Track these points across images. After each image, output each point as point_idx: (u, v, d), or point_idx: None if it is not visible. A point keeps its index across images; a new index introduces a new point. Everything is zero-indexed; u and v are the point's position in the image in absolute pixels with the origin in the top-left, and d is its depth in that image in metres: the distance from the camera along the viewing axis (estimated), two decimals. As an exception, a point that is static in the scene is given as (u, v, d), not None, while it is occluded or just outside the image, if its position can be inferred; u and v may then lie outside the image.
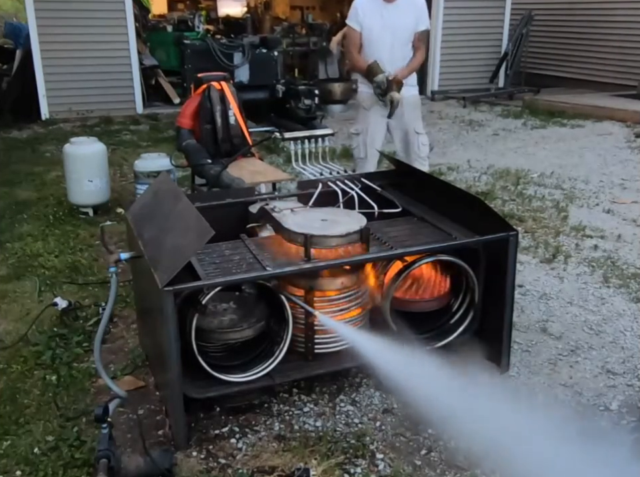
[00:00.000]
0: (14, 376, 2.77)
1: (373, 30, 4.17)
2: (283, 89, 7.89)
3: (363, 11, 4.18)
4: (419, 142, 4.38)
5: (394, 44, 4.17)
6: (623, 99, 9.01)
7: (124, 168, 6.15)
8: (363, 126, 4.39)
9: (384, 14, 4.14)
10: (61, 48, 8.54)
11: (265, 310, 2.51)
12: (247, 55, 8.78)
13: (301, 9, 13.98)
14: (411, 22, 4.18)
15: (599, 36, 10.24)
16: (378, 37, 4.17)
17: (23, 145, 7.29)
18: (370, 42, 4.21)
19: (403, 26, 4.16)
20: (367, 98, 4.33)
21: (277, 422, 2.45)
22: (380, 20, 4.15)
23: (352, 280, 2.56)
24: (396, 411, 2.52)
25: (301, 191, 3.16)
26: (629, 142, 7.13)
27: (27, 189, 5.54)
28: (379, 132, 4.37)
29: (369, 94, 4.30)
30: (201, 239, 2.19)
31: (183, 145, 4.16)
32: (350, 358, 2.51)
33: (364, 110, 4.38)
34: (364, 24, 4.18)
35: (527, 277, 3.69)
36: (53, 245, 4.21)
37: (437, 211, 2.91)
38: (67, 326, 3.17)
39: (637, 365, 2.84)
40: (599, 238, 4.30)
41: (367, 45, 4.23)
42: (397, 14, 4.14)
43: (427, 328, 2.77)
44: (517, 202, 5.06)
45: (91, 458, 2.17)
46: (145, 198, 2.92)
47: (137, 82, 9.09)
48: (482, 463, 2.16)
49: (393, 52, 4.19)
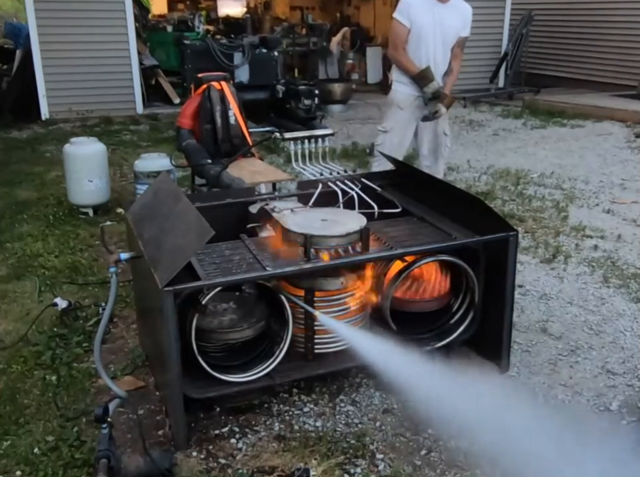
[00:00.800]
0: (14, 376, 2.77)
1: (423, 27, 4.11)
2: (283, 89, 7.90)
3: (415, 7, 4.11)
4: (445, 144, 4.42)
5: (441, 43, 4.16)
6: (623, 99, 9.01)
7: (124, 168, 6.15)
8: (393, 125, 4.35)
9: (435, 12, 4.10)
10: (61, 48, 8.54)
11: (265, 310, 2.51)
12: (247, 55, 8.78)
13: (301, 9, 14.00)
14: (459, 25, 4.18)
15: (599, 36, 10.24)
16: (427, 34, 4.13)
17: (22, 145, 7.29)
18: (418, 39, 4.14)
19: (452, 27, 4.16)
20: (405, 98, 4.28)
21: (276, 422, 2.45)
22: (432, 18, 4.10)
23: (352, 280, 2.56)
24: (396, 411, 2.52)
25: (301, 191, 3.16)
26: (629, 142, 7.13)
27: (26, 189, 5.54)
28: (408, 133, 4.35)
29: (407, 95, 4.25)
30: (201, 239, 2.19)
31: (183, 145, 4.16)
32: (350, 358, 2.51)
33: (397, 110, 4.32)
34: (415, 20, 4.11)
35: (526, 277, 3.69)
36: (53, 245, 4.21)
37: (437, 211, 2.91)
38: (67, 326, 3.17)
39: (637, 365, 2.84)
40: (599, 238, 4.30)
41: (414, 42, 4.16)
42: (448, 14, 4.12)
43: (427, 328, 2.78)
44: (516, 202, 5.06)
45: (91, 458, 2.17)
46: (145, 198, 2.92)
47: (137, 82, 9.09)
48: (482, 463, 2.16)
49: (436, 52, 4.17)
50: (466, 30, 4.24)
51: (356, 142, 7.14)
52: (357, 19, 14.28)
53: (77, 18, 8.50)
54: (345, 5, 14.94)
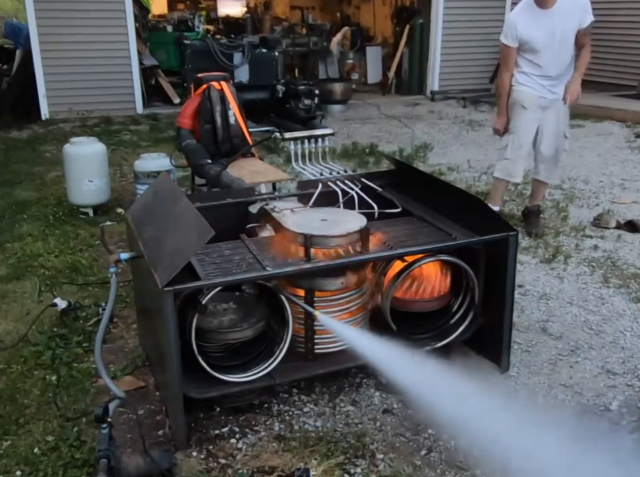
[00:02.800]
0: (14, 376, 2.77)
1: (537, 42, 4.03)
2: (283, 89, 7.91)
3: (522, 25, 4.02)
4: (563, 147, 4.37)
5: (560, 49, 4.06)
6: (623, 99, 9.01)
7: (124, 168, 6.15)
8: (517, 124, 4.27)
9: (543, 22, 3.98)
10: (61, 48, 8.54)
11: (265, 310, 2.51)
12: (247, 55, 8.78)
13: (301, 9, 13.98)
14: (574, 22, 4.02)
15: (599, 36, 10.19)
16: (544, 47, 4.04)
17: (22, 145, 7.28)
18: (534, 54, 4.08)
19: (567, 29, 4.02)
20: (528, 98, 4.19)
21: (276, 422, 2.45)
22: (541, 30, 3.99)
23: (352, 280, 2.56)
24: (396, 411, 2.52)
25: (301, 191, 3.16)
26: (629, 142, 7.13)
27: (26, 189, 5.54)
28: (530, 133, 4.28)
29: (530, 95, 4.18)
30: (201, 239, 2.19)
31: (183, 145, 4.16)
32: (350, 358, 2.51)
33: (522, 109, 4.23)
34: (524, 38, 4.04)
35: (526, 277, 3.69)
36: (53, 245, 4.20)
37: (437, 211, 2.91)
38: (67, 326, 3.17)
39: (637, 365, 2.84)
40: (598, 238, 4.30)
41: (532, 57, 4.10)
42: (559, 18, 3.98)
43: (427, 328, 2.78)
44: (516, 202, 5.06)
45: (91, 458, 2.17)
46: (145, 198, 2.92)
47: (137, 82, 9.09)
48: (482, 463, 2.16)
49: (560, 58, 4.09)
50: (586, 20, 4.03)
51: (356, 142, 7.14)
52: (357, 19, 14.29)
53: (77, 18, 8.49)
54: (345, 5, 14.95)
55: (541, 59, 4.10)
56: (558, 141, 4.31)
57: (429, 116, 9.03)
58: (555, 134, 4.29)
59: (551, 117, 4.25)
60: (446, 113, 9.19)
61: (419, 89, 10.67)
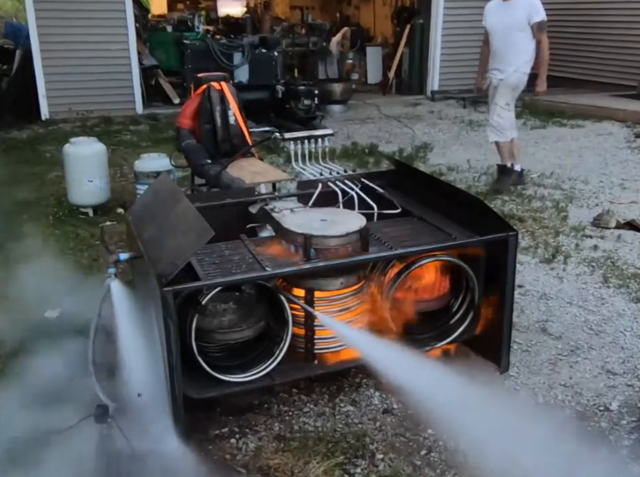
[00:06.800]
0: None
1: (491, 27, 5.20)
2: (283, 89, 7.90)
3: (488, 12, 5.26)
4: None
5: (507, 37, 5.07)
6: (623, 99, 9.00)
7: (124, 168, 6.15)
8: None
9: (499, 11, 5.11)
10: (61, 48, 8.54)
11: (265, 310, 2.51)
12: (247, 55, 8.78)
13: (301, 9, 14.00)
14: (521, 16, 5.00)
15: (599, 36, 10.23)
16: (494, 32, 5.18)
17: (22, 145, 7.28)
18: (491, 38, 5.23)
19: (513, 20, 5.01)
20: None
21: (276, 422, 2.45)
22: (496, 17, 5.15)
23: (352, 280, 2.56)
24: (396, 411, 2.52)
25: (301, 191, 3.16)
26: (628, 142, 7.13)
27: (26, 189, 5.53)
28: None
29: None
30: (201, 239, 2.19)
31: (183, 145, 4.16)
32: (350, 358, 2.51)
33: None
34: (486, 23, 5.25)
35: (526, 277, 3.69)
36: (53, 245, 4.20)
37: (437, 211, 2.91)
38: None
39: (636, 365, 2.84)
40: (598, 238, 4.30)
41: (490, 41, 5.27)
42: (510, 10, 5.02)
43: (427, 328, 2.77)
44: (516, 202, 5.06)
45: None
46: (145, 199, 2.92)
47: (137, 82, 9.09)
48: (481, 463, 2.16)
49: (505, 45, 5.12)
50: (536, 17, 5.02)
51: (356, 142, 7.13)
52: (356, 19, 14.31)
53: (77, 18, 8.49)
54: (344, 5, 14.96)
55: (492, 43, 5.24)
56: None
57: (428, 116, 9.03)
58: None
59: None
60: (446, 113, 9.19)
61: (419, 89, 10.67)
